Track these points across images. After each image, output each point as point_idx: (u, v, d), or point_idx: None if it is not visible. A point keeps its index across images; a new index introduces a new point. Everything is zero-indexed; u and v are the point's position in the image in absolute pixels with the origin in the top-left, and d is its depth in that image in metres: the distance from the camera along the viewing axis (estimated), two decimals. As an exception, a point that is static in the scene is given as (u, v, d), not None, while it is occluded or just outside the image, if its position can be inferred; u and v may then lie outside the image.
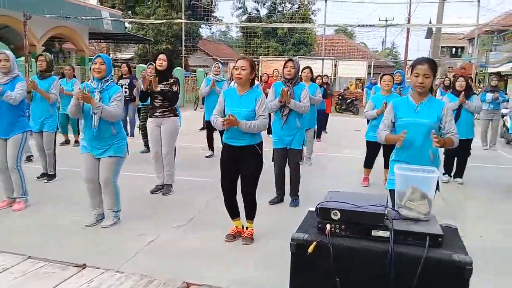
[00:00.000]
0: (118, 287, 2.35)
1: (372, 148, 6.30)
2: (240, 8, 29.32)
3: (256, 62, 22.12)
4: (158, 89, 5.26)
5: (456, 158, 6.69)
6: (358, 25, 16.85)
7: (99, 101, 4.00)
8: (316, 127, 8.22)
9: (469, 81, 8.13)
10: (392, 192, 3.37)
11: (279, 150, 5.21)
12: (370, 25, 16.08)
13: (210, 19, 28.98)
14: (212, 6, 28.77)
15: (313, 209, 2.11)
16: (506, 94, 10.98)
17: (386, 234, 1.84)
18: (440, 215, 2.30)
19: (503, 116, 10.22)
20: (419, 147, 3.11)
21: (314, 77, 8.36)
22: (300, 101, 5.10)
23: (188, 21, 21.53)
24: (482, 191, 6.27)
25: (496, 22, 30.41)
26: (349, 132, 12.08)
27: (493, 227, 4.60)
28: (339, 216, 1.89)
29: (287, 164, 5.34)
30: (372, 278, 1.82)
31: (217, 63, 8.34)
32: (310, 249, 1.86)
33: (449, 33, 29.74)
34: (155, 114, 5.42)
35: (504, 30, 21.16)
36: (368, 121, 6.78)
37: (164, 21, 22.08)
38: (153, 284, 2.39)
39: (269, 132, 8.24)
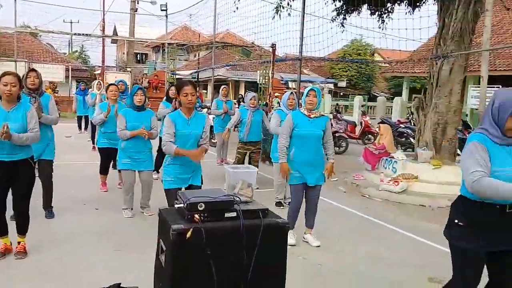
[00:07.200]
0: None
1: (106, 155, 6.79)
2: None
3: None
4: None
5: None
6: (75, 34, 16.33)
7: None
8: None
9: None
10: (167, 191, 4.18)
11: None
12: (87, 34, 15.89)
13: None
14: None
15: (170, 207, 2.71)
16: None
17: (234, 214, 2.64)
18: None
19: None
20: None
21: None
22: (48, 112, 5.18)
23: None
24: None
25: (174, 34, 34.32)
26: (60, 139, 11.89)
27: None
28: (203, 207, 2.56)
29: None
30: (232, 246, 2.58)
31: None
32: (188, 235, 2.47)
33: (137, 41, 31.85)
34: None
35: (184, 44, 24.49)
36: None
37: None
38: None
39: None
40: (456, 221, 2.67)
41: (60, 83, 21.70)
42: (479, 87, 8.47)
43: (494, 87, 9.24)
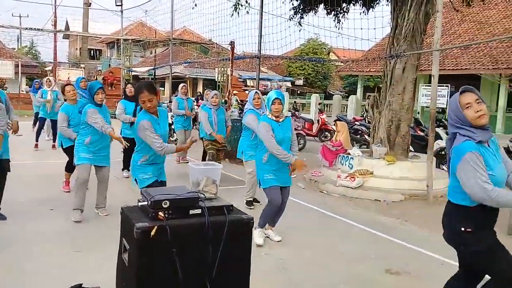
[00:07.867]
0: None
1: (72, 152, 6.63)
2: None
3: None
4: None
5: None
6: (25, 28, 15.57)
7: None
8: None
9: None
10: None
11: None
12: (38, 29, 15.22)
13: None
14: None
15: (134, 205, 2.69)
16: None
17: (199, 211, 2.64)
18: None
19: None
20: None
21: None
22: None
23: None
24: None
25: (129, 30, 33.57)
26: (11, 137, 11.41)
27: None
28: (168, 204, 2.56)
29: None
30: (197, 243, 2.59)
31: None
32: (152, 233, 2.46)
33: (91, 37, 30.97)
34: None
35: (141, 40, 24.02)
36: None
37: None
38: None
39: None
40: (462, 229, 2.72)
41: (9, 79, 20.77)
42: (429, 85, 8.83)
43: (443, 85, 9.65)
